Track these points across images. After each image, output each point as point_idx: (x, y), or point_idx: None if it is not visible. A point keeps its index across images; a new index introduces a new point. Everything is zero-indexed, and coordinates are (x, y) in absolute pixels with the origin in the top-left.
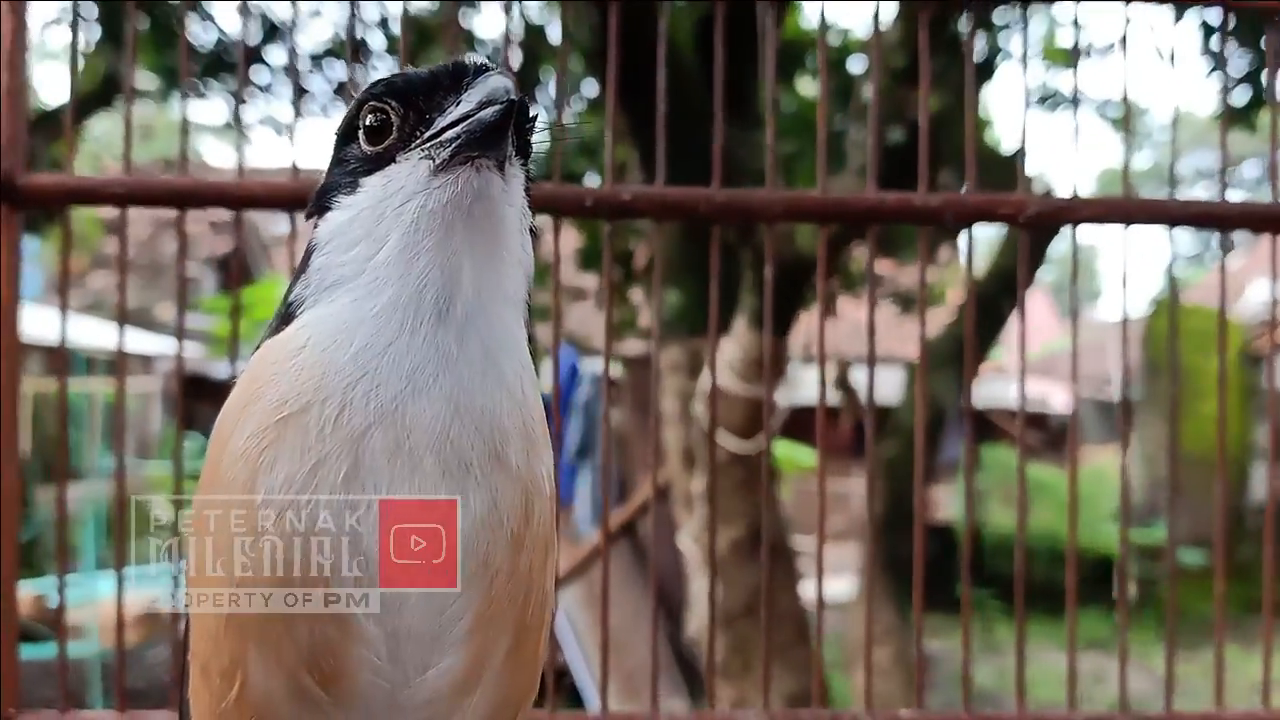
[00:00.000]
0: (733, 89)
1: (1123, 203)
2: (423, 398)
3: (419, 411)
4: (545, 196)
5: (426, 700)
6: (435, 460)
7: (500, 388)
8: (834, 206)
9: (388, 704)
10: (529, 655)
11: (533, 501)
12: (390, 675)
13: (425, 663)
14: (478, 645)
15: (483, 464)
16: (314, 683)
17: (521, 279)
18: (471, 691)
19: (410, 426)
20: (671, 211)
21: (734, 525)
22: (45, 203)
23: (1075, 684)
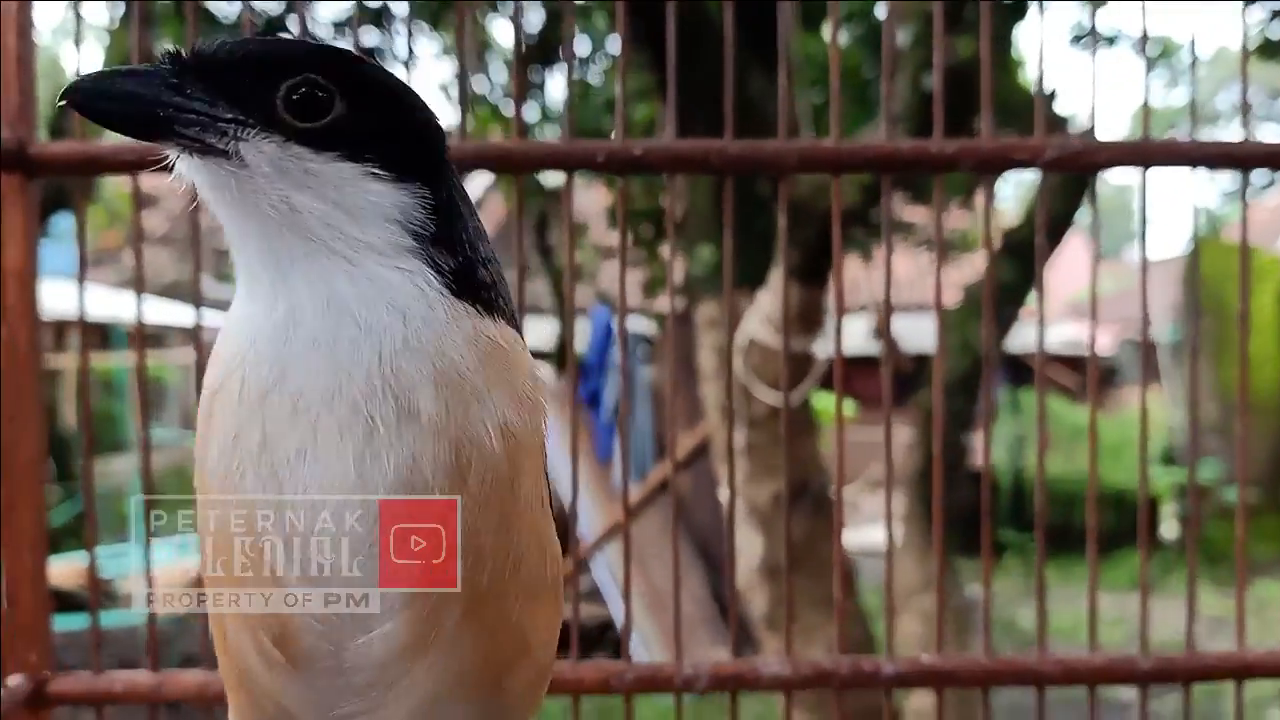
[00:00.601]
0: (763, 39)
1: (1141, 145)
2: (305, 362)
3: (303, 375)
4: (556, 153)
5: (372, 664)
6: (331, 418)
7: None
8: (847, 156)
9: (336, 665)
10: (496, 622)
11: (468, 459)
12: (332, 637)
13: (366, 626)
14: (418, 610)
15: (387, 419)
16: (269, 642)
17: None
18: (421, 656)
19: (300, 389)
20: (683, 165)
21: (775, 478)
22: (58, 171)
23: (1096, 625)
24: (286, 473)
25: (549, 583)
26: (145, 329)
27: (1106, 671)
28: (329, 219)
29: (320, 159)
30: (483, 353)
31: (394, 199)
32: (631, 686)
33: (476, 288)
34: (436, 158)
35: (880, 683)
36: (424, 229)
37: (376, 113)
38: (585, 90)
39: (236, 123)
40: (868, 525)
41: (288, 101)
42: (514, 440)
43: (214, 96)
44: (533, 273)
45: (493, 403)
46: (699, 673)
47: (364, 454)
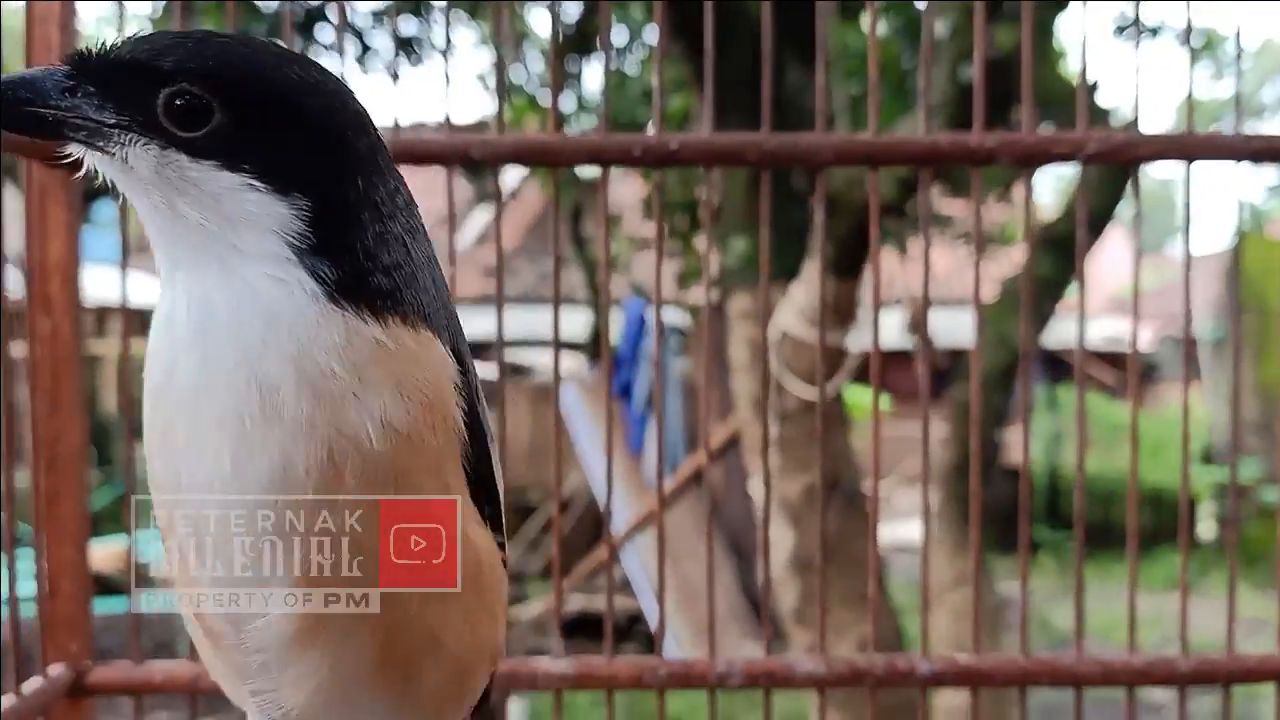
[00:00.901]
0: (796, 32)
1: (1184, 138)
2: (181, 356)
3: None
4: (592, 146)
5: (266, 646)
6: (208, 414)
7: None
8: (885, 150)
9: (239, 644)
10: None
11: (344, 457)
12: (231, 618)
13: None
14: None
15: (256, 418)
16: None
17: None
18: (310, 646)
19: (182, 387)
20: (719, 158)
21: (807, 472)
22: None
23: (1135, 626)
24: (180, 462)
25: (465, 580)
26: None
27: (1145, 673)
28: (208, 226)
29: (198, 167)
30: (361, 354)
31: (271, 210)
32: (665, 682)
33: (369, 295)
34: (335, 162)
35: (915, 682)
36: (302, 241)
37: (260, 119)
38: (621, 80)
39: (119, 127)
40: (900, 521)
41: (168, 109)
42: (399, 439)
43: (103, 100)
44: (567, 263)
45: (372, 401)
46: (733, 669)
47: (239, 450)
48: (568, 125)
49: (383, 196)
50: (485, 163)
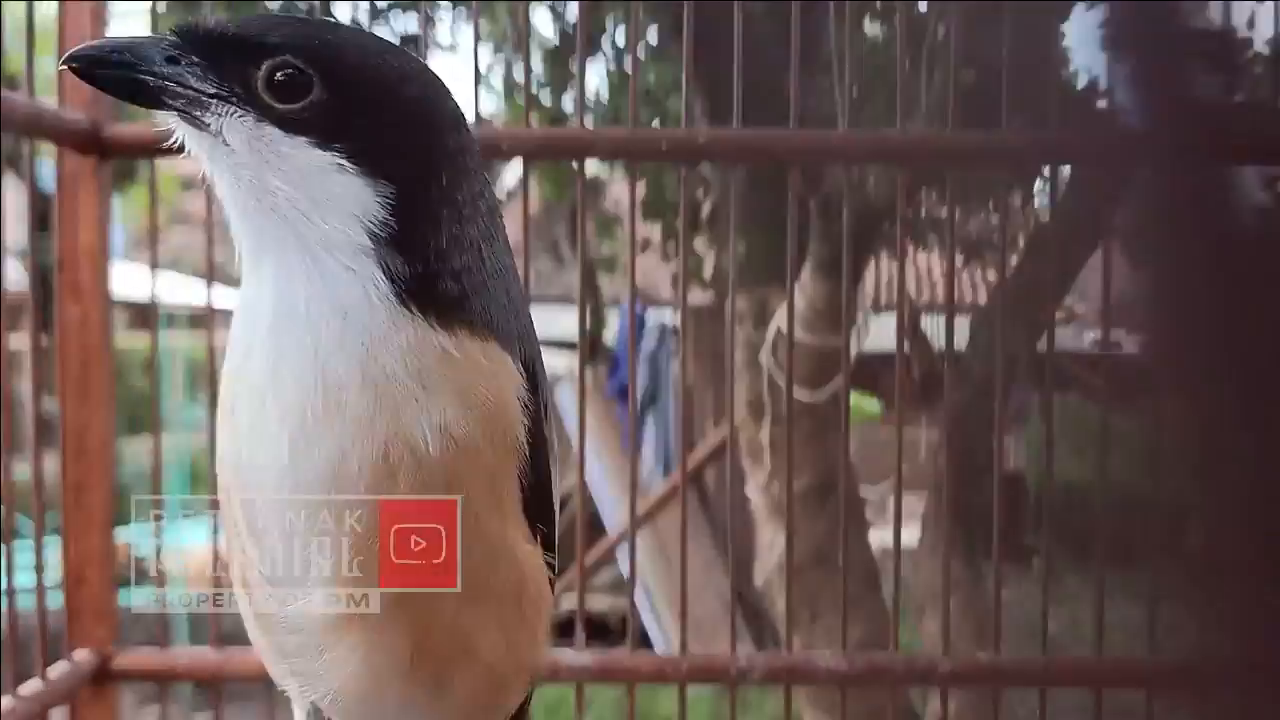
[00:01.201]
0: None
1: None
2: (260, 347)
3: (258, 355)
4: (619, 142)
5: (304, 627)
6: (274, 401)
7: (313, 333)
8: (914, 147)
9: (280, 622)
10: (426, 618)
11: (399, 458)
12: (275, 595)
13: (296, 593)
14: (345, 591)
15: (315, 411)
16: (242, 589)
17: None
18: (345, 634)
19: (256, 370)
20: (748, 154)
21: (803, 475)
22: (131, 153)
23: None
24: (242, 443)
25: (505, 594)
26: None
27: (1165, 675)
28: (295, 204)
29: (290, 142)
30: (426, 360)
31: (356, 193)
32: (686, 676)
33: (436, 299)
34: (419, 152)
35: (936, 680)
36: (381, 230)
37: (357, 102)
38: (622, 79)
39: (218, 98)
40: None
41: (268, 82)
42: (456, 448)
43: (206, 71)
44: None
45: (433, 408)
46: (754, 664)
47: (298, 441)
48: (571, 124)
49: (465, 197)
50: (512, 155)
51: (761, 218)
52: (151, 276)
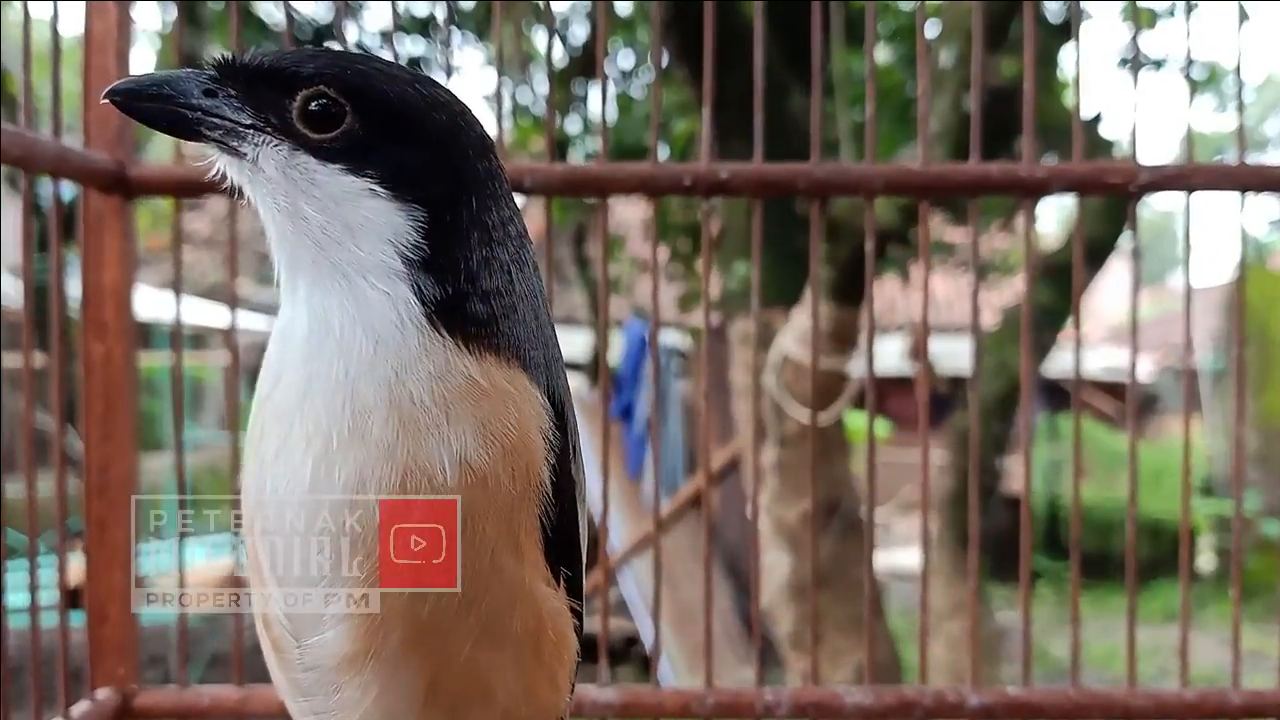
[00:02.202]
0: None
1: (1237, 170)
2: (292, 370)
3: (289, 381)
4: (643, 176)
5: (320, 665)
6: (300, 427)
7: (344, 358)
8: (935, 180)
9: (293, 658)
10: (442, 658)
11: (416, 487)
12: (292, 630)
13: (315, 628)
14: (358, 628)
15: (340, 436)
16: (262, 625)
17: (375, 246)
18: (359, 671)
19: (286, 395)
20: (770, 189)
21: (806, 497)
22: (156, 192)
23: (1188, 661)
24: (267, 470)
25: (523, 636)
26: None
27: (1198, 707)
28: (329, 230)
29: (325, 170)
30: (452, 388)
31: (388, 218)
32: (712, 711)
33: (465, 321)
34: (448, 178)
35: (965, 714)
36: (414, 253)
37: (388, 129)
38: (628, 104)
39: (254, 128)
40: (899, 548)
41: (303, 112)
42: (474, 479)
43: (242, 102)
44: (569, 284)
45: (454, 438)
46: (780, 699)
47: (320, 464)
48: (573, 147)
49: (494, 221)
50: (536, 192)
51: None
52: (176, 303)
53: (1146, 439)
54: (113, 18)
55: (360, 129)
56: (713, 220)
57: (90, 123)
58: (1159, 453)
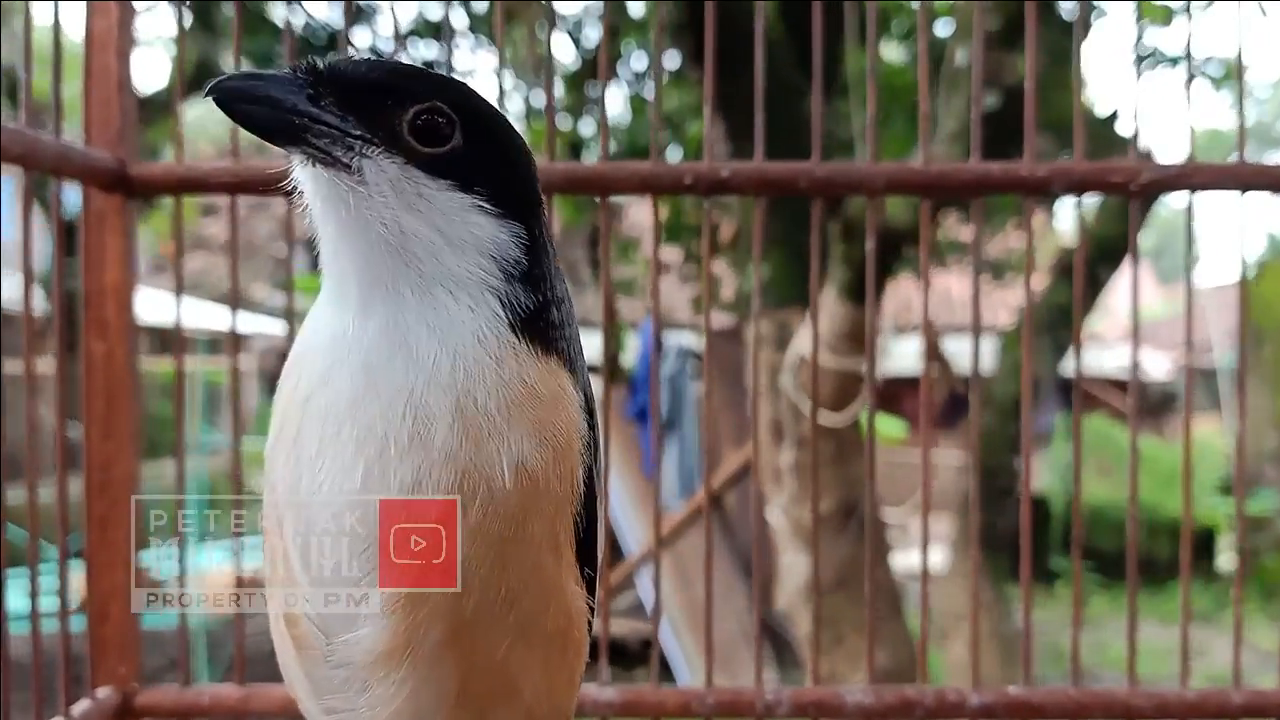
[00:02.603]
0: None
1: (1238, 169)
2: (343, 374)
3: (340, 386)
4: (643, 175)
5: (353, 662)
6: (351, 431)
7: (418, 369)
8: (938, 179)
9: (323, 657)
10: (479, 656)
11: (473, 489)
12: (324, 628)
13: (348, 626)
14: (398, 623)
15: (400, 441)
16: (284, 625)
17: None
18: (395, 668)
19: (335, 398)
20: (771, 187)
21: (825, 498)
22: (157, 191)
23: (1187, 660)
24: (305, 470)
25: (553, 635)
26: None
27: (1199, 706)
28: (431, 245)
29: (434, 185)
30: (514, 396)
31: (494, 234)
32: (712, 710)
33: (545, 327)
34: (534, 195)
35: (966, 714)
36: (514, 267)
37: (487, 148)
38: (641, 106)
39: (363, 140)
40: (917, 549)
41: (413, 126)
42: (529, 482)
43: (345, 111)
44: (584, 286)
45: (512, 442)
46: (781, 698)
47: (373, 469)
48: (586, 150)
49: (549, 237)
50: None
51: (782, 241)
52: (176, 305)
53: (1165, 438)
54: (114, 16)
55: (466, 146)
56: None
57: (91, 121)
58: (1176, 451)
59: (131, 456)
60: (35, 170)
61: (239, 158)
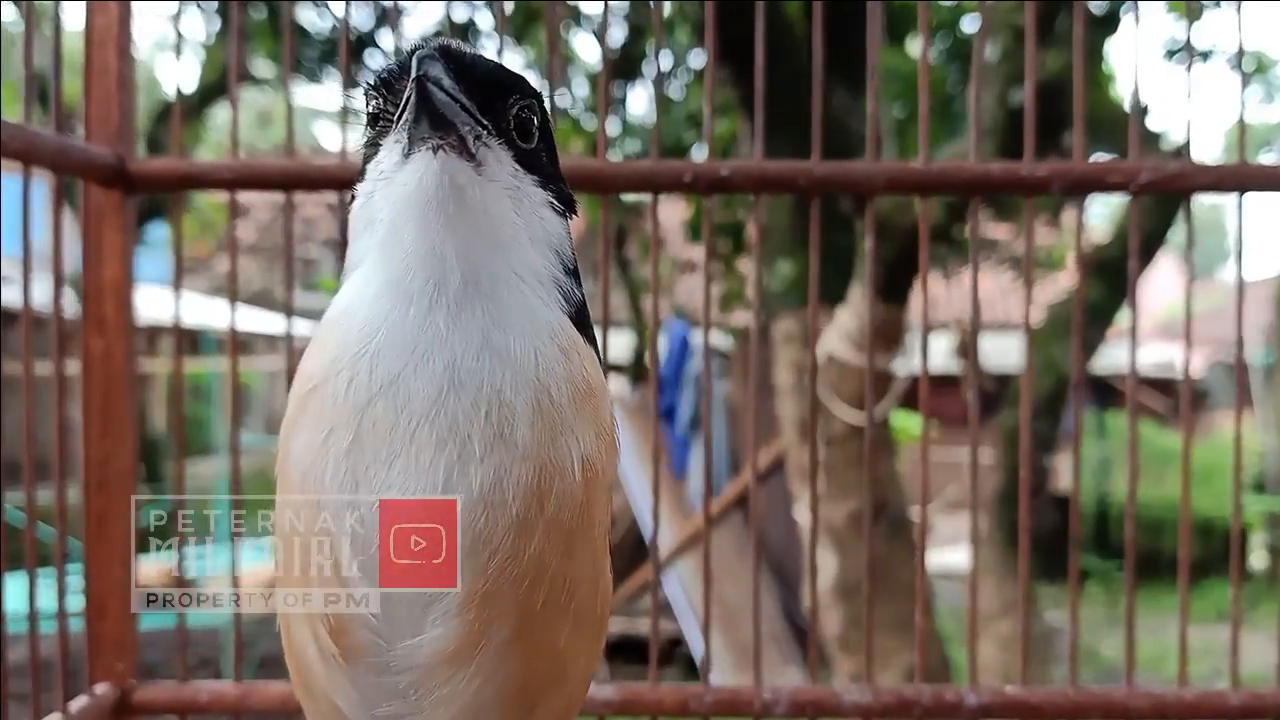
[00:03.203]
0: (841, 53)
1: (1239, 169)
2: (421, 372)
3: (417, 385)
4: (643, 172)
5: (415, 665)
6: (430, 432)
7: (503, 365)
8: (936, 178)
9: (384, 663)
10: (542, 646)
11: (549, 484)
12: (385, 634)
13: (416, 628)
14: (470, 622)
15: (484, 440)
16: (325, 634)
17: (546, 255)
18: (463, 667)
19: (409, 398)
20: (770, 185)
21: (852, 497)
22: (156, 188)
23: (1185, 659)
24: (369, 477)
25: (595, 616)
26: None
27: (1196, 707)
28: (518, 235)
29: (528, 179)
30: (578, 389)
31: (558, 230)
32: (710, 709)
33: (585, 324)
34: (570, 193)
35: (963, 714)
36: (570, 262)
37: (550, 145)
38: (667, 105)
39: (487, 130)
40: (945, 547)
41: (515, 120)
42: (592, 473)
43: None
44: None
45: (579, 436)
46: (779, 697)
47: (453, 470)
48: (613, 149)
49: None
50: None
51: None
52: (175, 301)
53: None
54: (114, 13)
55: (540, 143)
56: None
57: (91, 117)
58: (1209, 450)
59: (128, 454)
60: (35, 165)
61: (240, 155)
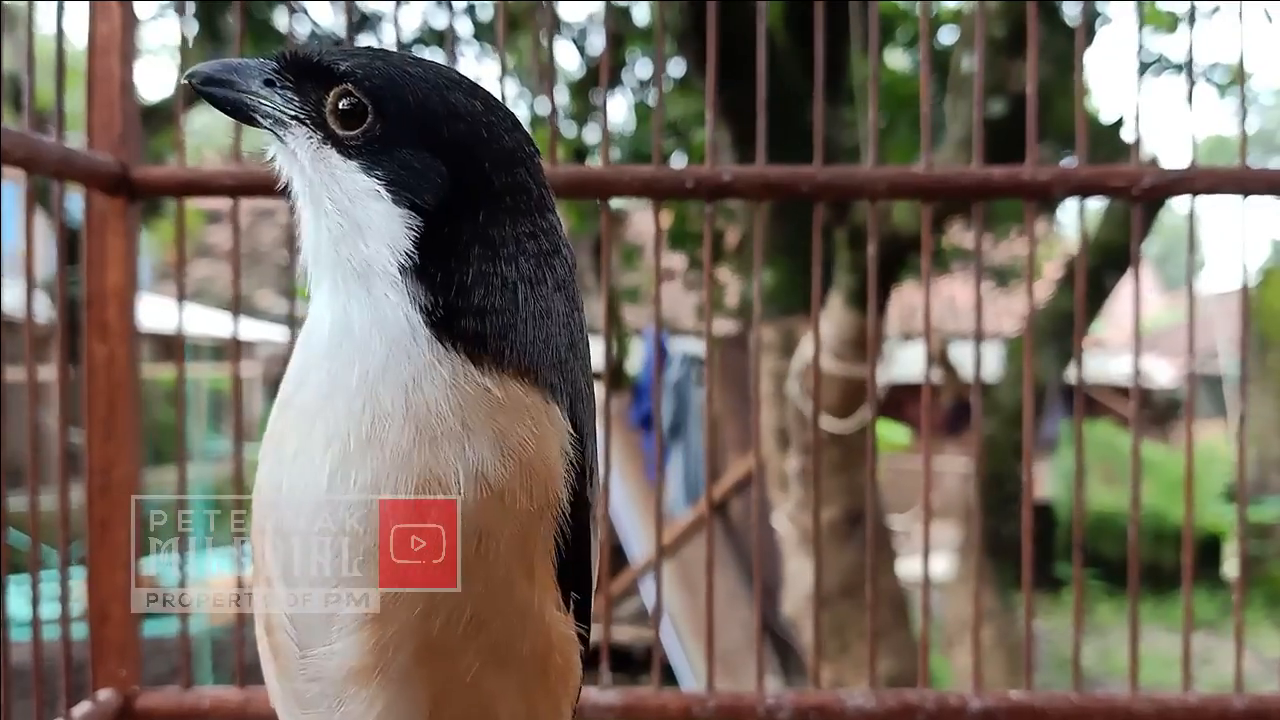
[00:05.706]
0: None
1: (1240, 173)
2: (316, 369)
3: (313, 382)
4: (645, 179)
5: (325, 677)
6: (321, 429)
7: (366, 363)
8: (938, 183)
9: (295, 667)
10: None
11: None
12: (299, 639)
13: (323, 637)
14: (367, 639)
15: (359, 442)
16: (262, 629)
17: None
18: (366, 685)
19: (309, 395)
20: (773, 191)
21: (831, 505)
22: (159, 194)
23: (1189, 665)
24: (284, 472)
25: (529, 660)
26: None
27: (1200, 711)
28: (344, 227)
29: (344, 166)
30: (467, 397)
31: (388, 222)
32: (714, 715)
33: (457, 334)
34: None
35: (966, 719)
36: (406, 260)
37: (408, 132)
38: (646, 113)
39: (296, 119)
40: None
41: (334, 108)
42: (489, 494)
43: (294, 93)
44: (588, 293)
45: (470, 450)
46: (782, 703)
47: (337, 469)
48: (590, 157)
49: (504, 237)
50: None
51: (787, 247)
52: (179, 310)
53: (1170, 445)
54: (116, 20)
55: (380, 130)
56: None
57: (94, 124)
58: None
59: (133, 459)
60: (38, 173)
61: (241, 161)
